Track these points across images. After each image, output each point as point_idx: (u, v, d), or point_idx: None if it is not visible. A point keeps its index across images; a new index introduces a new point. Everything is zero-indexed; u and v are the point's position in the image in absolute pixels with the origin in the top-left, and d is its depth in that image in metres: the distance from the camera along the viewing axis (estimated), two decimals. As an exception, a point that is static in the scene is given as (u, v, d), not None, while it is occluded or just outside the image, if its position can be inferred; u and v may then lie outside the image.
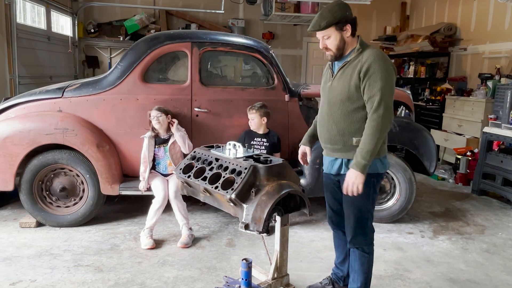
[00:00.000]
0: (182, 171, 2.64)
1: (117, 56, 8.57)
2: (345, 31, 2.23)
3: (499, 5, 6.40)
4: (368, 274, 2.46)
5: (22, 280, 2.85)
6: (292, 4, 7.41)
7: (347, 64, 2.26)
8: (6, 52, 5.59)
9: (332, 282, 2.74)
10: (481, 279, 3.07)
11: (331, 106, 2.31)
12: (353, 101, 2.23)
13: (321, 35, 2.26)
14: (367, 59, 2.18)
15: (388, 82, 2.16)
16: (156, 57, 3.84)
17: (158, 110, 3.60)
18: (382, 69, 2.15)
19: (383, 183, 4.02)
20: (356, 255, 2.43)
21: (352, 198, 2.29)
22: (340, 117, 2.28)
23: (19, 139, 3.57)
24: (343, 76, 2.26)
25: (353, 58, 2.24)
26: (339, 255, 2.71)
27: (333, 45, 2.25)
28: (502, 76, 6.03)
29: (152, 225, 3.45)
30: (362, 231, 2.39)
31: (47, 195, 3.75)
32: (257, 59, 4.01)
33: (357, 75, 2.19)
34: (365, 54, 2.21)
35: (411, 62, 8.10)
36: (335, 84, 2.29)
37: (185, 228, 3.50)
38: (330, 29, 2.21)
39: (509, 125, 4.85)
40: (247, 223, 2.22)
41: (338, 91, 2.27)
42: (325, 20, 2.19)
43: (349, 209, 2.38)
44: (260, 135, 3.85)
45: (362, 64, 2.18)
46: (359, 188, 2.19)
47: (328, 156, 2.43)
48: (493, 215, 4.45)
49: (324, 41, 2.27)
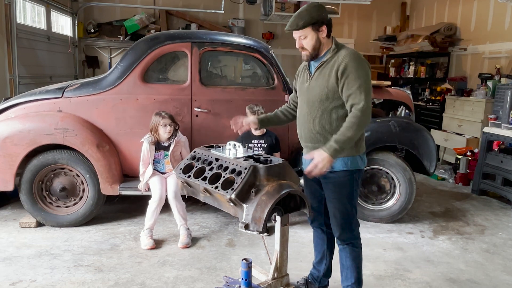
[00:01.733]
0: (182, 171, 2.64)
1: (117, 56, 8.56)
2: (321, 32, 2.28)
3: (499, 5, 6.40)
4: (359, 270, 2.50)
5: (22, 280, 2.85)
6: (292, 4, 7.41)
7: (324, 64, 2.31)
8: (6, 52, 5.59)
9: (307, 282, 2.76)
10: (481, 279, 3.07)
11: (311, 106, 2.37)
12: (332, 100, 2.29)
13: (297, 35, 2.31)
14: (343, 59, 2.24)
15: (365, 80, 2.23)
16: (156, 57, 3.84)
17: (170, 118, 3.56)
18: (358, 67, 2.22)
19: (383, 183, 4.02)
20: (347, 251, 2.47)
21: (337, 195, 2.37)
22: (320, 116, 2.33)
23: (19, 139, 3.57)
24: (321, 76, 2.32)
25: (329, 58, 2.30)
26: (317, 255, 2.73)
27: (309, 45, 2.30)
28: (502, 76, 6.03)
29: (151, 225, 3.45)
30: (349, 227, 2.44)
31: (47, 195, 3.75)
32: (257, 59, 4.01)
33: (334, 75, 2.25)
34: (341, 54, 2.27)
35: (411, 62, 8.10)
36: (313, 84, 2.35)
37: (183, 228, 3.50)
38: (306, 29, 2.26)
39: (509, 125, 4.85)
40: (247, 223, 2.22)
41: (317, 91, 2.33)
42: (303, 20, 2.24)
43: (334, 206, 2.42)
44: (258, 136, 3.84)
45: (339, 64, 2.24)
46: (322, 171, 2.18)
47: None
48: (493, 215, 4.45)
49: (301, 41, 2.31)
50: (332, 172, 2.34)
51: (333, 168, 2.33)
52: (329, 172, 2.31)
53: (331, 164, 2.20)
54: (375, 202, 4.07)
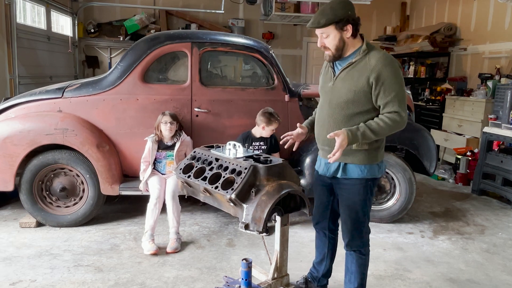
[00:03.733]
0: (182, 171, 2.64)
1: (117, 56, 8.57)
2: (345, 31, 2.13)
3: (499, 5, 6.40)
4: (364, 275, 2.46)
5: (22, 280, 2.85)
6: (292, 4, 7.41)
7: (352, 65, 2.17)
8: (6, 52, 5.59)
9: (306, 281, 2.74)
10: (481, 279, 3.07)
11: (333, 108, 2.24)
12: (357, 105, 2.17)
13: (319, 33, 2.17)
14: (377, 63, 2.10)
15: (402, 87, 2.13)
16: (156, 57, 3.84)
17: (171, 117, 3.56)
18: (395, 74, 2.10)
19: (383, 183, 4.03)
20: (353, 258, 2.42)
21: (351, 202, 2.30)
22: (342, 119, 2.21)
23: (19, 139, 3.57)
24: (348, 77, 2.18)
25: (359, 60, 2.15)
26: (318, 255, 2.71)
27: (332, 44, 2.16)
28: (502, 76, 6.03)
29: (151, 226, 3.38)
30: (359, 234, 2.37)
31: (47, 195, 3.75)
32: (257, 59, 4.01)
33: (365, 80, 2.11)
34: (373, 57, 2.13)
35: (411, 62, 8.10)
36: (339, 85, 2.21)
37: (173, 232, 3.41)
38: (329, 28, 2.11)
39: (509, 125, 4.85)
40: (247, 223, 2.22)
41: (342, 93, 2.19)
42: (325, 17, 2.09)
43: (345, 213, 2.36)
44: (258, 138, 3.83)
45: (372, 68, 2.11)
46: (338, 154, 2.08)
47: (324, 158, 2.36)
48: (493, 215, 4.45)
49: (323, 40, 2.18)
50: (347, 179, 2.28)
51: (349, 176, 2.26)
52: (343, 179, 2.27)
53: (344, 146, 2.08)
54: (375, 202, 4.06)
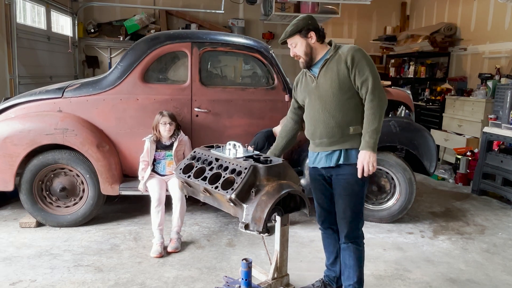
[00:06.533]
0: (182, 171, 2.64)
1: (117, 56, 8.56)
2: (309, 38, 2.43)
3: (499, 5, 6.40)
4: (362, 269, 2.50)
5: (22, 280, 2.86)
6: (292, 4, 7.40)
7: (328, 60, 2.41)
8: (6, 52, 5.59)
9: (324, 284, 2.74)
10: (481, 279, 3.07)
11: (324, 100, 2.42)
12: (345, 91, 2.37)
13: (289, 44, 2.48)
14: (348, 51, 2.37)
15: (373, 66, 2.38)
16: (156, 57, 3.84)
17: (170, 117, 3.56)
18: (365, 56, 2.37)
19: (383, 183, 4.02)
20: (350, 250, 2.48)
21: (349, 192, 2.41)
22: (336, 107, 2.39)
23: (19, 139, 3.57)
24: (328, 70, 2.40)
25: (333, 55, 2.42)
26: (330, 256, 2.72)
27: (301, 51, 2.45)
28: (502, 76, 6.03)
29: (159, 224, 3.35)
30: (356, 225, 2.48)
31: (47, 195, 3.75)
32: (257, 59, 4.01)
33: (344, 65, 2.35)
34: (344, 48, 2.41)
35: (411, 62, 8.10)
36: (322, 80, 2.42)
37: (174, 232, 3.42)
38: (295, 37, 2.44)
39: (509, 125, 4.85)
40: (247, 223, 2.22)
41: (328, 84, 2.40)
42: (290, 29, 2.44)
43: (344, 203, 2.44)
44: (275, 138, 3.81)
45: (346, 55, 2.36)
46: (374, 165, 2.33)
47: (323, 151, 2.47)
48: (493, 215, 4.45)
49: (293, 49, 2.47)
50: (347, 165, 2.40)
51: (351, 161, 2.40)
52: (344, 165, 2.40)
53: (376, 158, 2.33)
54: (375, 202, 4.07)
